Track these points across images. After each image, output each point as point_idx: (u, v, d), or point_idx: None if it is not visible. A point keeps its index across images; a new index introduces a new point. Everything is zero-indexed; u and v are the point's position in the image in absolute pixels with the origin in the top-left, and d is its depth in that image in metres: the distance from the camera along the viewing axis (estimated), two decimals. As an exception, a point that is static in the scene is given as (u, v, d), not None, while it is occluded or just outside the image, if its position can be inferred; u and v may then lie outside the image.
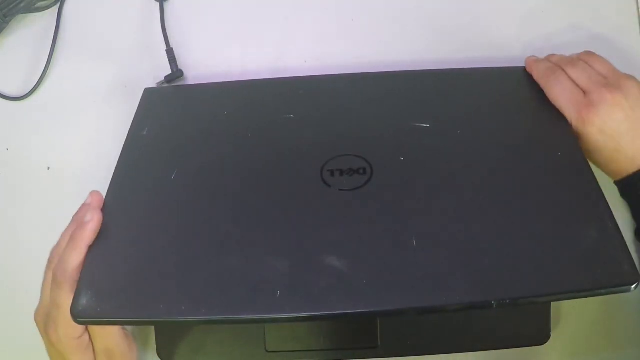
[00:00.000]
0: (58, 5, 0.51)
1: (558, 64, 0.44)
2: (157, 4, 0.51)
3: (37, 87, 0.51)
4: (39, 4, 0.51)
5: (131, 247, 0.37)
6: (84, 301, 0.33)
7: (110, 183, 0.40)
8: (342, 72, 0.48)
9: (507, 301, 0.31)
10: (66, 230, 0.39)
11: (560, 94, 0.42)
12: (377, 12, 0.51)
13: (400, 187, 0.38)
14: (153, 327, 0.47)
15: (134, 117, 0.45)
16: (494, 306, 0.31)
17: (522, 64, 0.47)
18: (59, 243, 0.40)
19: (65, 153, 0.50)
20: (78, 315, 0.33)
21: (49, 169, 0.50)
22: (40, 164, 0.50)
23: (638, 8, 0.50)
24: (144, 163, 0.42)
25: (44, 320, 0.38)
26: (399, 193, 0.37)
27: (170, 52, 0.50)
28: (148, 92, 0.48)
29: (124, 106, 0.50)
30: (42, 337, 0.39)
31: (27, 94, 0.51)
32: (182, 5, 0.51)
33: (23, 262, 0.49)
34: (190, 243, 0.36)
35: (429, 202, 0.37)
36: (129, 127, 0.49)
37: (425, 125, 0.41)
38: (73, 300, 0.33)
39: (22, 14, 0.50)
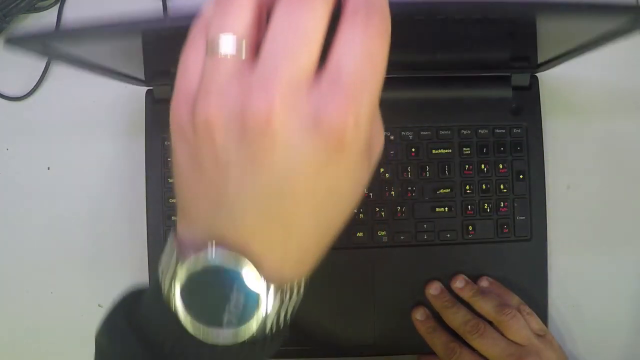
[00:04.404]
0: (58, 5, 0.51)
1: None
2: (160, 3, 0.51)
3: (37, 87, 0.51)
4: (39, 4, 0.51)
5: None
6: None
7: None
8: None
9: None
10: None
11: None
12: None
13: None
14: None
15: None
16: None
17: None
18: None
19: (65, 153, 0.50)
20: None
21: (49, 169, 0.50)
22: (40, 164, 0.50)
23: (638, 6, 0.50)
24: None
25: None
26: None
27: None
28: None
29: (124, 106, 0.50)
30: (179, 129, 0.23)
31: (27, 94, 0.51)
32: (183, 5, 0.51)
33: (23, 262, 0.49)
34: None
35: None
36: (128, 127, 0.50)
37: None
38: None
39: (22, 14, 0.50)
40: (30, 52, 0.28)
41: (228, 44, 0.21)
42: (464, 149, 0.47)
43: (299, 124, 0.20)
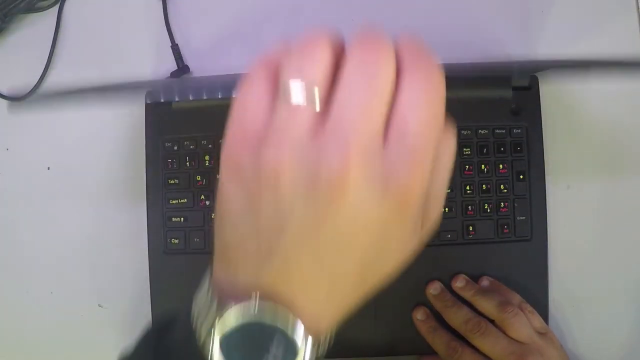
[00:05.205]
0: (58, 5, 0.51)
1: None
2: (159, 3, 0.51)
3: (37, 87, 0.51)
4: (39, 4, 0.50)
5: None
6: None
7: None
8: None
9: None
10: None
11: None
12: (377, 12, 0.51)
13: None
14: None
15: None
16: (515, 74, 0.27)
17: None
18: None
19: (65, 153, 0.50)
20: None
21: (49, 169, 0.50)
22: (40, 164, 0.50)
23: (638, 8, 0.50)
24: None
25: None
26: None
27: (175, 48, 0.50)
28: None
29: (124, 107, 0.50)
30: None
31: (27, 94, 0.51)
32: (183, 4, 0.51)
33: (23, 263, 0.49)
34: None
35: None
36: (128, 127, 0.50)
37: None
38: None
39: (22, 14, 0.50)
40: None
41: (306, 93, 0.20)
42: (464, 149, 0.47)
43: (369, 183, 0.20)
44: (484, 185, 0.47)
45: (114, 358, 0.49)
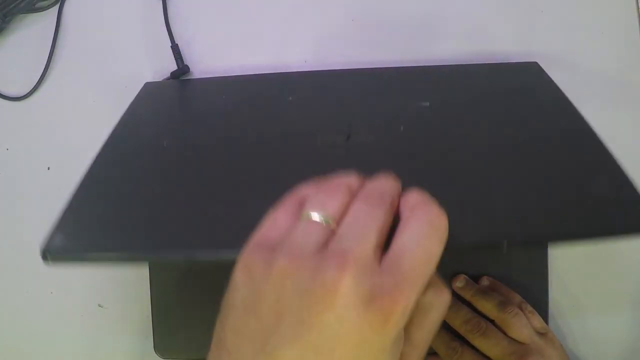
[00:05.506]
0: (58, 5, 0.51)
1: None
2: (159, 3, 0.51)
3: (37, 87, 0.51)
4: (39, 4, 0.51)
5: (115, 191, 0.36)
6: (57, 240, 0.32)
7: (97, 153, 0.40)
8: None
9: (520, 241, 0.30)
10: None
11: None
12: (377, 12, 0.51)
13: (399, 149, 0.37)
14: (151, 323, 0.47)
15: (129, 106, 0.44)
16: (505, 246, 0.30)
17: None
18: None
19: (65, 153, 0.50)
20: (52, 251, 0.31)
21: (49, 169, 0.50)
22: (40, 164, 0.50)
23: (638, 8, 0.50)
24: (136, 137, 0.41)
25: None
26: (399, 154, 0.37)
27: (175, 48, 0.50)
28: (149, 85, 0.48)
29: (124, 106, 0.50)
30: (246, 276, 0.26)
31: (27, 94, 0.51)
32: (183, 4, 0.51)
33: (23, 263, 0.49)
34: (177, 190, 0.35)
35: (432, 156, 0.36)
36: (129, 127, 0.49)
37: (425, 104, 0.41)
38: (47, 239, 0.32)
39: (22, 14, 0.50)
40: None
41: (323, 219, 0.26)
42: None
43: (357, 297, 0.23)
44: (484, 185, 0.47)
45: (114, 358, 0.49)
